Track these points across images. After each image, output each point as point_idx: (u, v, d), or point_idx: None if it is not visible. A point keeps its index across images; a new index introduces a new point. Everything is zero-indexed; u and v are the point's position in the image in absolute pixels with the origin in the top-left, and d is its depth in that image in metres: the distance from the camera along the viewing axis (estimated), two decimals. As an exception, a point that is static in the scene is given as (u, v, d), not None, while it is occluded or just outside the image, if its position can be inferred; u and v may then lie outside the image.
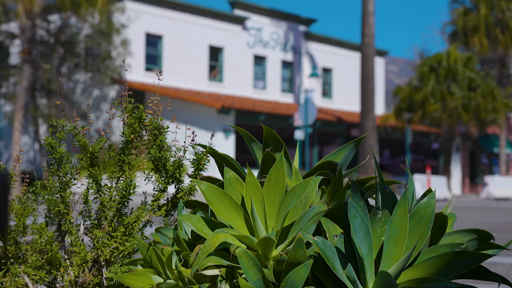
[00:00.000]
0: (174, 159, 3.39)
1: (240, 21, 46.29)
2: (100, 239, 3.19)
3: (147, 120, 3.45)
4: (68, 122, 3.36)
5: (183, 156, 3.40)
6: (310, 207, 2.76)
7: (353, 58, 51.69)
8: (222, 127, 38.44)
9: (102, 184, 3.26)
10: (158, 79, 3.61)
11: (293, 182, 3.00)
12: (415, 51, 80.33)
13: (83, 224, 3.32)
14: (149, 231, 4.29)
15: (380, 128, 44.36)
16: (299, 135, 35.21)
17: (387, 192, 3.09)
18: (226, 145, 38.68)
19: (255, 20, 47.32)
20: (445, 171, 43.68)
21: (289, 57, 49.42)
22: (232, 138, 38.90)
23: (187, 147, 3.44)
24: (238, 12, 46.44)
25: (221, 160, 3.20)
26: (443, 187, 40.19)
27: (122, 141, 3.43)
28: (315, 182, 2.80)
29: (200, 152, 3.43)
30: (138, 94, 40.49)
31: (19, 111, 34.29)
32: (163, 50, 42.57)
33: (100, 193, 3.25)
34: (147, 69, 41.94)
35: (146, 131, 3.36)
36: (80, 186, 3.39)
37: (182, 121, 38.98)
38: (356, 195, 2.76)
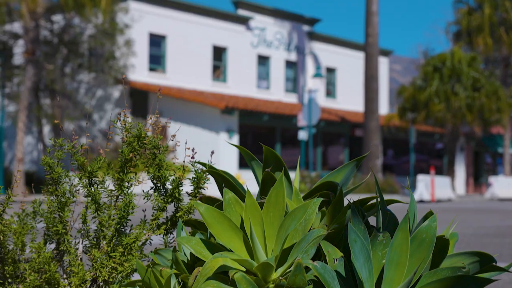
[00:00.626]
0: (173, 177, 3.36)
1: (243, 21, 46.28)
2: (99, 259, 3.16)
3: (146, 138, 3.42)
4: (67, 141, 3.31)
5: (182, 176, 3.37)
6: (310, 230, 2.73)
7: (357, 58, 51.64)
8: (226, 127, 38.43)
9: (101, 203, 3.23)
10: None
11: (293, 203, 2.97)
12: (419, 50, 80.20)
13: (82, 243, 3.30)
14: (148, 248, 4.26)
15: (384, 128, 44.32)
16: (302, 135, 35.20)
17: (388, 213, 3.06)
18: (230, 145, 38.63)
19: (258, 20, 47.30)
20: (449, 171, 43.63)
21: (292, 57, 49.39)
22: (235, 139, 38.87)
23: (186, 166, 3.41)
24: (241, 12, 46.43)
25: (221, 180, 3.18)
26: (447, 187, 40.12)
27: (121, 159, 3.41)
28: (315, 204, 2.77)
29: (200, 170, 3.40)
30: (141, 94, 40.56)
31: (23, 112, 34.33)
32: (167, 50, 42.57)
33: (98, 212, 3.23)
34: (151, 69, 41.96)
35: (145, 150, 3.33)
36: (79, 203, 3.36)
37: (185, 121, 39.00)
38: (356, 219, 2.73)
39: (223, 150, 38.23)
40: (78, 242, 3.30)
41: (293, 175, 35.24)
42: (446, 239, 2.81)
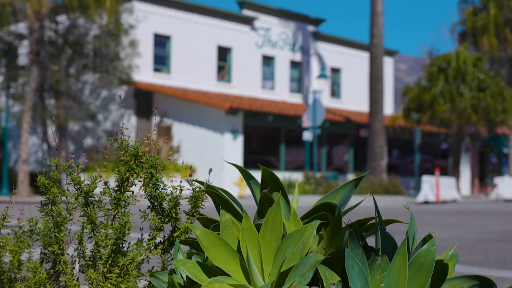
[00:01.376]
0: (171, 197, 3.32)
1: (248, 21, 46.25)
2: (95, 280, 3.13)
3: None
4: (63, 161, 3.28)
5: (179, 196, 3.34)
6: (307, 254, 2.70)
7: (362, 58, 51.58)
8: (230, 128, 38.39)
9: (97, 222, 3.21)
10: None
11: (291, 225, 2.94)
12: (424, 50, 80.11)
13: (78, 263, 3.27)
14: (146, 266, 4.23)
15: (389, 128, 44.24)
16: (307, 136, 35.15)
17: (386, 236, 3.03)
18: (234, 146, 38.61)
19: (263, 20, 47.27)
20: (454, 172, 43.55)
21: (297, 57, 49.35)
22: (240, 139, 38.83)
23: (183, 187, 3.38)
24: (246, 12, 46.41)
25: (219, 200, 3.14)
26: (452, 188, 40.04)
27: (118, 179, 3.37)
28: (313, 227, 2.74)
29: (198, 189, 3.37)
30: (146, 95, 40.56)
31: (28, 112, 34.35)
32: (172, 51, 42.56)
33: (95, 232, 3.20)
34: (156, 70, 41.94)
35: (142, 168, 3.30)
36: (76, 221, 3.34)
37: (190, 122, 38.98)
38: (354, 243, 2.70)
39: (227, 151, 38.21)
40: (75, 261, 3.27)
41: (296, 175, 35.24)
42: (445, 264, 2.78)
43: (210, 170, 3.54)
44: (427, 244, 2.76)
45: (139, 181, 3.34)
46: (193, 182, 3.37)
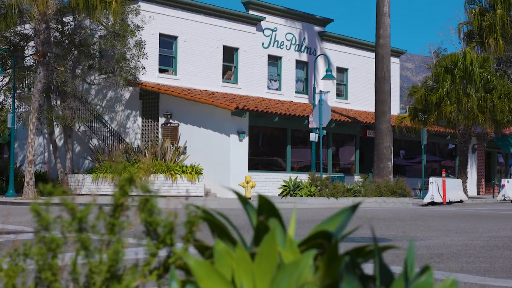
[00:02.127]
0: (166, 223, 3.27)
1: (254, 21, 46.23)
2: (88, 308, 3.08)
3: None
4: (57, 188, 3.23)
5: (174, 222, 3.29)
6: (302, 286, 2.65)
7: (369, 58, 51.47)
8: (236, 129, 38.35)
9: (91, 248, 3.15)
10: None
11: (288, 253, 2.89)
12: (431, 50, 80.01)
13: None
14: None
15: (396, 129, 44.15)
16: (313, 137, 35.09)
17: (385, 266, 2.97)
18: (240, 147, 38.58)
19: (269, 21, 47.25)
20: (461, 172, 43.42)
21: (304, 57, 49.33)
22: (246, 140, 38.80)
23: (177, 213, 3.32)
24: (252, 13, 46.36)
25: (214, 226, 3.09)
26: (458, 189, 40.00)
27: (112, 204, 3.32)
28: (308, 257, 2.69)
29: (193, 214, 3.31)
30: (152, 95, 40.56)
31: (34, 114, 34.36)
32: (178, 51, 42.56)
33: (89, 258, 3.15)
34: (161, 70, 41.95)
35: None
36: (71, 244, 3.28)
37: (196, 123, 38.96)
38: (350, 275, 2.65)
39: (233, 152, 38.18)
40: (68, 286, 3.23)
41: (302, 176, 35.15)
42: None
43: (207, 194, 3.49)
44: (425, 275, 2.71)
45: (134, 205, 3.29)
46: (189, 206, 3.31)
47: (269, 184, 39.49)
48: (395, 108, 54.78)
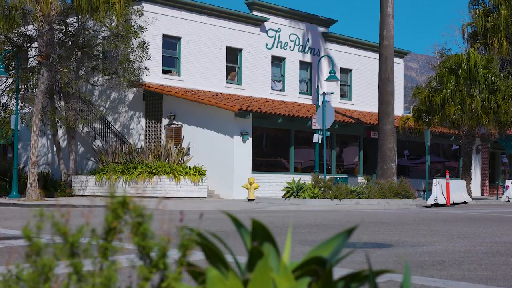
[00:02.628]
0: (159, 246, 3.23)
1: (258, 22, 46.18)
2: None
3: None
4: (50, 213, 3.19)
5: (167, 246, 3.25)
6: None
7: (373, 59, 51.37)
8: (240, 130, 38.33)
9: (83, 273, 3.12)
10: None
11: (281, 279, 2.85)
12: (435, 50, 79.92)
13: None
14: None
15: (399, 130, 44.10)
16: (317, 138, 35.04)
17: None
18: (244, 148, 38.55)
19: (273, 21, 47.20)
20: (465, 174, 43.34)
21: (307, 58, 49.27)
22: (249, 142, 38.77)
23: (171, 237, 3.28)
24: (256, 14, 46.31)
25: (208, 251, 3.06)
26: (462, 190, 39.93)
27: (105, 228, 3.29)
28: (302, 285, 2.66)
29: (187, 237, 3.27)
30: (155, 96, 40.54)
31: (37, 115, 34.35)
32: (181, 52, 42.54)
33: (81, 283, 3.11)
34: (165, 71, 41.93)
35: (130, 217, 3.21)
36: (64, 267, 3.25)
37: (200, 124, 38.93)
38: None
39: (237, 153, 38.16)
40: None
41: (306, 177, 35.08)
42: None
43: (202, 215, 3.45)
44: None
45: (127, 229, 3.25)
46: (183, 229, 3.28)
47: (273, 185, 39.48)
48: (399, 109, 54.73)
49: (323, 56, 45.84)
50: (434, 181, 35.73)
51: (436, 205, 35.22)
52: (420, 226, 15.18)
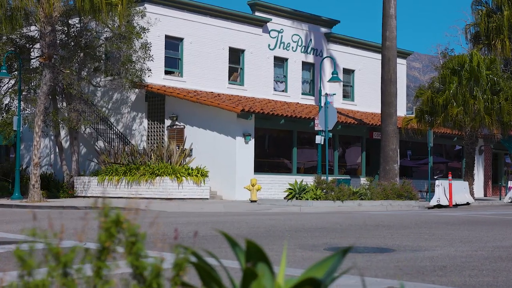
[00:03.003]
0: (153, 266, 3.20)
1: (260, 23, 46.14)
2: None
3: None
4: (43, 233, 3.17)
5: (161, 266, 3.22)
6: None
7: (376, 60, 51.33)
8: (242, 131, 38.31)
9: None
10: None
11: (276, 301, 2.83)
12: (438, 50, 79.86)
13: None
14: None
15: (402, 131, 44.08)
16: (319, 139, 34.98)
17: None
18: (246, 149, 38.52)
19: (276, 22, 47.15)
20: (468, 175, 43.28)
21: (310, 59, 49.23)
22: (251, 143, 38.75)
23: (164, 259, 3.25)
24: (258, 14, 46.27)
25: (203, 272, 3.03)
26: (465, 191, 39.87)
27: (98, 248, 3.25)
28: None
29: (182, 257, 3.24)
30: (158, 97, 40.52)
31: (39, 116, 34.34)
32: (183, 53, 42.50)
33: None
34: (167, 72, 41.89)
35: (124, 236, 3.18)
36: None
37: (202, 125, 38.91)
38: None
39: (239, 155, 38.14)
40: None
41: (308, 178, 35.02)
42: None
43: (196, 233, 3.42)
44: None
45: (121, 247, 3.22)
46: (178, 248, 3.24)
47: (275, 186, 39.46)
48: (402, 109, 54.67)
49: (325, 57, 45.84)
50: (437, 182, 35.68)
51: (439, 206, 35.16)
52: (422, 230, 15.14)
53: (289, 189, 31.92)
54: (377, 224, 16.09)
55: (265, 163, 40.76)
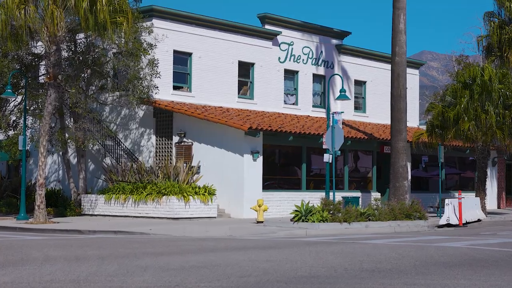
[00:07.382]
0: None
1: (270, 36, 45.83)
2: None
3: None
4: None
5: None
6: None
7: (387, 70, 50.75)
8: (250, 148, 38.04)
9: None
10: None
11: None
12: (453, 58, 79.22)
13: None
14: None
15: (413, 145, 43.68)
16: (327, 158, 34.61)
17: None
18: (254, 167, 38.24)
19: (286, 35, 46.84)
20: (479, 189, 42.72)
21: (321, 71, 48.89)
22: (260, 160, 38.47)
23: None
24: (268, 27, 45.93)
25: None
26: (476, 208, 39.41)
27: None
28: None
29: None
30: (166, 114, 40.32)
31: (44, 136, 34.19)
32: (192, 68, 42.25)
33: None
34: (176, 87, 41.66)
35: None
36: None
37: (210, 142, 38.63)
38: None
39: (247, 173, 37.86)
40: None
41: (317, 195, 34.59)
42: None
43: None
44: None
45: None
46: None
47: (284, 203, 39.20)
48: (414, 121, 54.22)
49: (336, 69, 45.44)
50: (446, 201, 35.22)
51: (449, 225, 34.74)
52: (417, 279, 14.74)
53: (296, 211, 31.57)
54: (372, 269, 15.72)
55: (274, 179, 40.46)
